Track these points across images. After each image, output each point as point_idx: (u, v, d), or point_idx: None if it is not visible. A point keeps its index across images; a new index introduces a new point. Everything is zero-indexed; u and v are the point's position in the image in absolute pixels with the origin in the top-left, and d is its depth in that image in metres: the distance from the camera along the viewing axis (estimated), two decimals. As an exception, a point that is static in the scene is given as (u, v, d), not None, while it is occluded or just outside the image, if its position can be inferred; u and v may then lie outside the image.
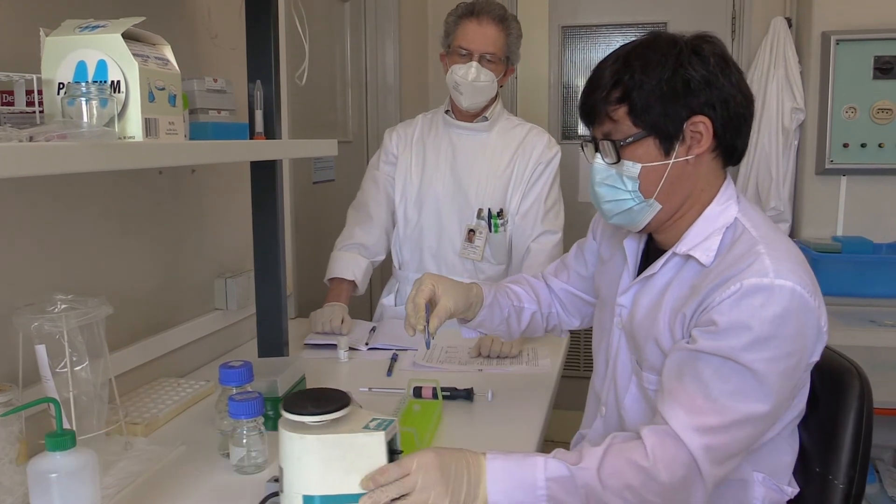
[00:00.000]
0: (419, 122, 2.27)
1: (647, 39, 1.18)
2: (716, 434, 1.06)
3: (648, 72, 1.14)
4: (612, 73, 1.17)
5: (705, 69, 1.14)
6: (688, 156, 1.17)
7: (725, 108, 1.15)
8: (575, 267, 1.55)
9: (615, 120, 1.17)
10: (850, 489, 1.26)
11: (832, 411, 1.30)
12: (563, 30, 3.89)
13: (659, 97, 1.13)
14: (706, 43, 1.17)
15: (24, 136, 0.94)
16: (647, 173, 1.17)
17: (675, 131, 1.15)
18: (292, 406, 1.03)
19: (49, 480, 0.94)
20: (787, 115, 3.38)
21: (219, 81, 1.55)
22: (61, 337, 1.13)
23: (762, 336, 1.06)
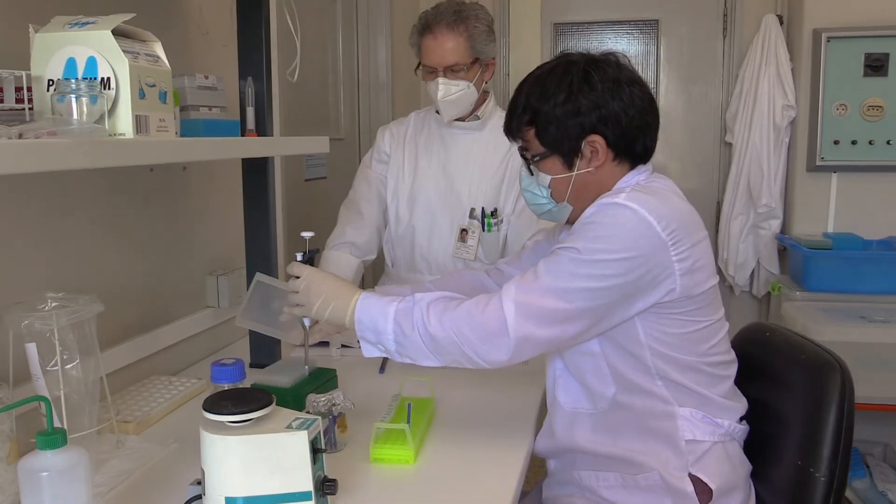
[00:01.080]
0: (412, 120, 2.26)
1: (550, 66, 1.36)
2: (529, 293, 1.23)
3: (546, 98, 1.32)
4: (524, 98, 1.35)
5: (594, 94, 1.30)
6: (588, 167, 1.34)
7: (618, 125, 1.31)
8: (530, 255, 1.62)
9: (527, 139, 1.37)
10: (831, 482, 1.28)
11: (813, 404, 1.32)
12: (556, 27, 3.90)
13: (555, 121, 1.31)
14: (598, 69, 1.32)
15: (14, 134, 0.94)
16: (555, 183, 1.36)
17: (572, 149, 1.33)
18: (213, 406, 1.02)
19: (40, 479, 0.93)
20: (779, 112, 3.39)
21: (210, 78, 1.55)
22: (52, 335, 1.13)
23: (597, 234, 1.23)
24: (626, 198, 1.24)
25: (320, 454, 1.06)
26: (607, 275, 1.22)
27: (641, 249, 1.22)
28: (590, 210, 1.28)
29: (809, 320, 2.73)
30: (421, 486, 1.22)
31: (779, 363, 1.44)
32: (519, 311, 1.22)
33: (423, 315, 1.26)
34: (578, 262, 1.22)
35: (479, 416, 1.52)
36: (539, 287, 1.23)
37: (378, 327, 1.29)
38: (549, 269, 1.24)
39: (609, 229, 1.23)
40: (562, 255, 1.25)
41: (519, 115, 1.36)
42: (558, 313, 1.22)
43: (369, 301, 1.31)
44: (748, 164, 3.48)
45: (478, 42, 2.01)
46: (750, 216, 3.52)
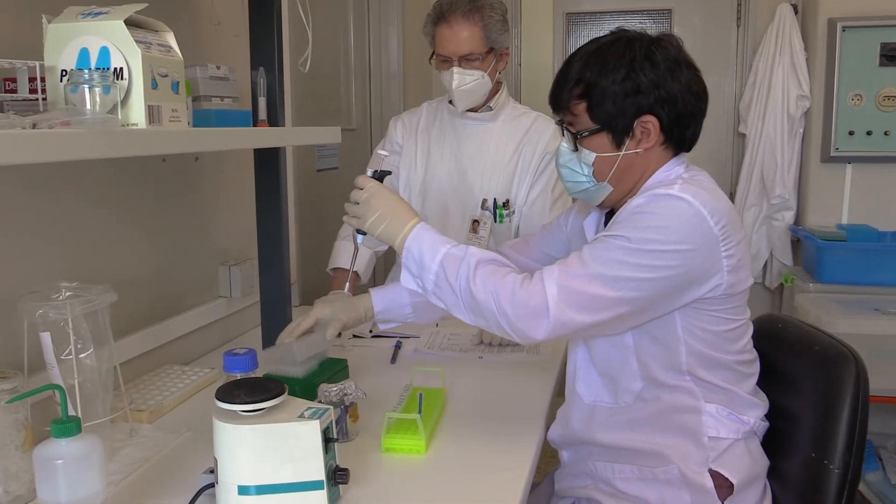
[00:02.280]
0: (424, 110, 2.25)
1: (609, 41, 1.31)
2: (573, 277, 1.20)
3: (604, 73, 1.27)
4: (577, 70, 1.30)
5: (655, 73, 1.26)
6: (637, 149, 1.30)
7: (673, 108, 1.28)
8: (541, 243, 1.62)
9: (575, 113, 1.31)
10: (845, 474, 1.27)
11: (828, 396, 1.32)
12: (568, 16, 3.88)
13: (612, 97, 1.27)
14: (660, 47, 1.29)
15: (28, 124, 0.94)
16: (600, 161, 1.31)
17: (625, 128, 1.29)
18: (225, 396, 1.03)
19: (55, 467, 0.94)
20: (793, 102, 3.37)
21: (222, 69, 1.55)
22: (66, 324, 1.14)
23: (648, 224, 1.20)
24: (680, 189, 1.22)
25: (332, 443, 1.06)
26: (657, 265, 1.19)
27: (694, 243, 1.20)
28: (639, 199, 1.24)
29: (823, 312, 2.71)
30: (432, 476, 1.22)
31: (792, 355, 1.43)
32: (561, 294, 1.19)
33: (470, 271, 1.24)
34: (628, 251, 1.19)
35: (490, 406, 1.52)
36: (585, 273, 1.20)
37: (424, 262, 1.28)
38: (595, 256, 1.21)
39: (662, 220, 1.20)
40: (610, 242, 1.21)
41: (571, 87, 1.30)
42: (602, 300, 1.20)
43: (423, 233, 1.30)
44: (762, 154, 3.45)
45: (493, 31, 2.00)
46: (763, 207, 3.50)
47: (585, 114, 1.29)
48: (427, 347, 1.87)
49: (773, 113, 3.40)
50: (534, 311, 1.20)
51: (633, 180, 1.32)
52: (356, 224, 1.37)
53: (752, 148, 3.50)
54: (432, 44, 2.06)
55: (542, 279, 1.21)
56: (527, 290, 1.21)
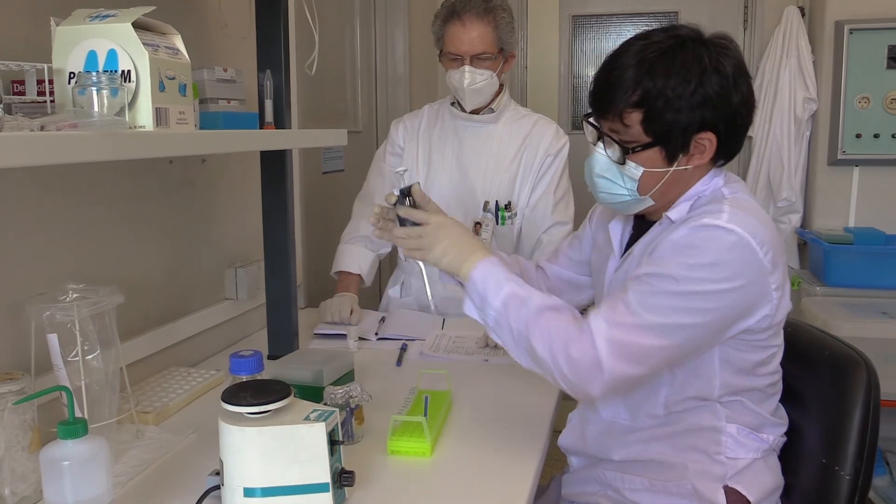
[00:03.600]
0: (425, 112, 2.26)
1: (674, 46, 1.18)
2: (622, 330, 1.14)
3: (671, 84, 1.15)
4: (635, 76, 1.17)
5: (722, 87, 1.16)
6: (688, 165, 1.21)
7: (732, 122, 1.19)
8: (567, 252, 1.59)
9: (627, 124, 1.19)
10: (856, 480, 1.26)
11: (839, 402, 1.30)
12: (574, 19, 3.87)
13: (676, 111, 1.16)
14: (727, 56, 1.18)
15: (36, 126, 0.94)
16: (647, 176, 1.22)
17: (683, 144, 1.19)
18: (232, 398, 1.03)
19: (61, 468, 0.95)
20: (800, 105, 3.36)
21: (229, 71, 1.55)
22: (73, 326, 1.14)
23: (697, 262, 1.13)
24: (729, 219, 1.13)
25: (338, 446, 1.06)
26: (708, 308, 1.13)
27: (745, 277, 1.13)
28: (683, 231, 1.15)
29: (830, 315, 2.70)
30: (438, 479, 1.22)
31: (801, 360, 1.42)
32: (613, 349, 1.13)
33: (530, 320, 1.19)
34: (678, 295, 1.12)
35: (496, 409, 1.52)
36: (635, 323, 1.13)
37: (487, 298, 1.23)
38: (643, 303, 1.14)
39: (711, 255, 1.12)
40: (656, 284, 1.14)
41: (627, 94, 1.17)
42: (654, 350, 1.14)
43: (490, 268, 1.25)
44: (768, 157, 3.44)
45: (504, 33, 2.03)
46: (770, 210, 3.49)
47: (639, 125, 1.18)
48: (432, 350, 1.87)
49: (780, 115, 3.39)
50: (588, 369, 1.15)
51: (676, 194, 1.24)
52: (418, 256, 1.31)
53: (758, 150, 3.49)
54: (440, 42, 2.06)
55: (591, 334, 1.15)
56: (579, 347, 1.15)
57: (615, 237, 1.37)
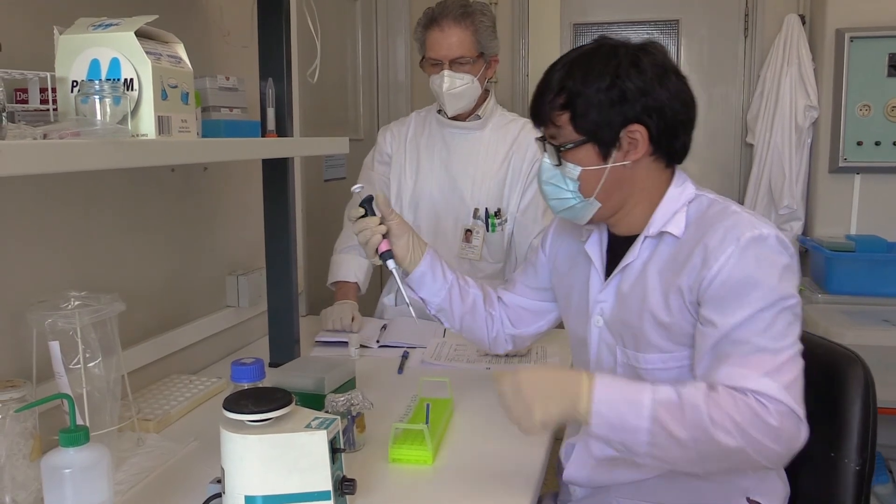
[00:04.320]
0: (412, 120, 2.25)
1: (591, 48, 1.25)
2: (782, 374, 1.09)
3: (588, 81, 1.20)
4: (558, 80, 1.23)
5: (642, 80, 1.20)
6: (625, 161, 1.23)
7: (662, 116, 1.21)
8: (524, 280, 1.56)
9: (558, 125, 1.24)
10: (863, 469, 1.31)
11: (841, 399, 1.34)
12: (575, 27, 3.88)
13: (597, 106, 1.20)
14: (646, 54, 1.22)
15: (38, 134, 0.95)
16: (586, 176, 1.24)
17: (611, 138, 1.22)
18: (233, 405, 1.03)
19: (62, 476, 0.94)
20: (801, 112, 3.36)
21: (231, 79, 1.56)
22: (75, 333, 1.14)
23: (774, 279, 1.13)
24: (760, 223, 1.16)
25: (339, 454, 1.06)
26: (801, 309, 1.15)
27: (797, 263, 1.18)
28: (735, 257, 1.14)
29: (832, 323, 2.70)
30: (439, 487, 1.22)
31: None
32: (791, 393, 1.08)
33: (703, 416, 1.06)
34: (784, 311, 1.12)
35: (497, 416, 1.50)
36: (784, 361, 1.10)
37: (627, 422, 1.07)
38: (773, 337, 1.10)
39: (781, 260, 1.14)
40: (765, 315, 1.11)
41: (552, 97, 1.23)
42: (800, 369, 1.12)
43: (608, 387, 1.10)
44: (769, 165, 3.45)
45: (483, 37, 2.03)
46: (771, 218, 3.49)
47: (569, 125, 1.22)
48: (434, 358, 1.87)
49: (781, 123, 3.40)
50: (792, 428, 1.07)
51: (623, 195, 1.25)
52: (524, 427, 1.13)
53: (759, 158, 3.49)
54: (422, 49, 2.08)
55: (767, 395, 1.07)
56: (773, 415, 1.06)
57: (595, 257, 1.35)
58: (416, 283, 1.46)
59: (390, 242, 1.40)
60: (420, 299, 1.48)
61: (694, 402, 1.07)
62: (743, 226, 1.15)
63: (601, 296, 1.32)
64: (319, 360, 1.59)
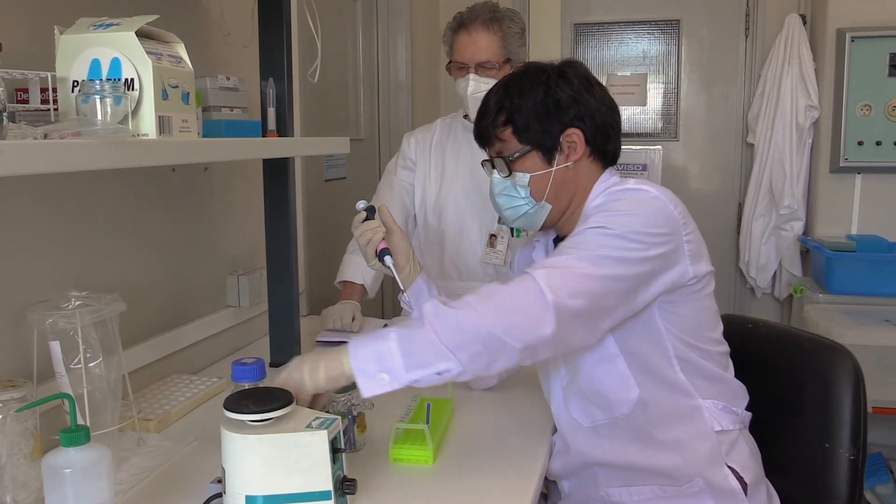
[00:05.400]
0: (437, 126, 2.25)
1: (521, 70, 1.39)
2: (558, 266, 1.19)
3: (524, 96, 1.33)
4: (495, 101, 1.36)
5: (571, 89, 1.33)
6: (567, 163, 1.35)
7: (593, 120, 1.34)
8: None
9: (503, 140, 1.36)
10: (857, 459, 1.35)
11: (832, 390, 1.39)
12: (576, 27, 3.88)
13: (535, 116, 1.32)
14: (570, 67, 1.37)
15: (39, 134, 0.95)
16: (535, 181, 1.35)
17: (552, 143, 1.34)
18: (234, 405, 1.03)
19: (63, 475, 0.94)
20: (802, 112, 3.36)
21: (231, 79, 1.56)
22: (75, 333, 1.14)
23: (620, 210, 1.25)
24: (636, 183, 1.29)
25: (340, 454, 1.06)
26: (634, 247, 1.21)
27: (663, 227, 1.24)
28: (599, 199, 1.30)
29: (832, 323, 2.70)
30: (440, 487, 1.22)
31: (773, 352, 1.50)
32: (551, 278, 1.16)
33: (436, 308, 1.16)
34: (606, 234, 1.21)
35: (497, 416, 1.52)
36: (569, 259, 1.20)
37: (380, 350, 1.15)
38: (575, 244, 1.23)
39: (632, 206, 1.25)
40: (586, 232, 1.24)
41: (493, 117, 1.36)
42: (589, 280, 1.18)
43: (361, 337, 1.19)
44: (770, 165, 3.45)
45: (510, 42, 2.03)
46: (772, 218, 3.49)
47: (513, 137, 1.34)
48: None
49: (782, 123, 3.40)
50: (534, 305, 1.14)
51: (569, 195, 1.36)
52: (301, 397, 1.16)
53: (760, 158, 3.49)
54: (450, 53, 2.08)
55: (530, 276, 1.18)
56: (517, 287, 1.17)
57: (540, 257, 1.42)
58: (415, 296, 1.49)
59: (392, 250, 1.45)
60: None
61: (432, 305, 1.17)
62: (624, 184, 1.30)
63: None
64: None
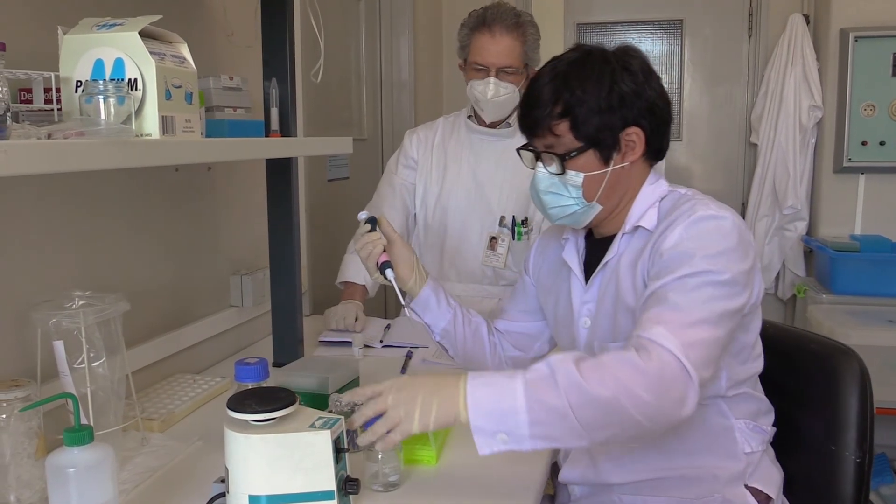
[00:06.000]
0: (440, 125, 2.24)
1: (580, 57, 1.26)
2: (685, 331, 1.08)
3: (587, 89, 1.22)
4: (552, 91, 1.24)
5: (635, 82, 1.24)
6: (623, 162, 1.27)
7: (653, 117, 1.26)
8: (516, 307, 1.56)
9: (557, 135, 1.25)
10: (863, 461, 1.33)
11: (838, 392, 1.37)
12: (579, 27, 3.88)
13: (598, 112, 1.22)
14: (633, 57, 1.27)
15: (43, 134, 0.95)
16: (588, 181, 1.26)
17: (612, 142, 1.25)
18: (237, 405, 1.03)
19: (67, 475, 0.95)
20: (805, 112, 3.35)
21: (234, 79, 1.56)
22: (79, 333, 1.14)
23: (715, 251, 1.15)
24: (717, 208, 1.20)
25: (343, 454, 1.06)
26: (739, 291, 1.15)
27: (750, 257, 1.19)
28: (681, 230, 1.17)
29: (836, 323, 2.69)
30: (443, 487, 1.22)
31: (789, 356, 1.48)
32: (690, 351, 1.06)
33: (575, 376, 1.03)
34: (714, 285, 1.12)
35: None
36: (692, 321, 1.09)
37: (503, 406, 1.04)
38: (687, 300, 1.11)
39: (723, 241, 1.16)
40: (690, 282, 1.12)
41: (548, 108, 1.24)
42: (716, 344, 1.11)
43: (482, 378, 1.08)
44: (774, 165, 3.44)
45: (530, 48, 2.04)
46: (775, 218, 3.49)
47: (569, 133, 1.24)
48: (436, 357, 1.87)
49: (785, 123, 3.39)
50: (676, 380, 1.04)
51: (620, 195, 1.29)
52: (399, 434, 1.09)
53: (763, 158, 3.49)
54: (464, 51, 2.05)
55: (659, 344, 1.06)
56: (654, 362, 1.04)
57: (573, 263, 1.37)
58: (421, 306, 1.46)
59: (393, 261, 1.40)
60: (425, 324, 1.49)
61: (565, 368, 1.05)
62: (699, 207, 1.20)
63: (586, 296, 1.34)
64: (323, 360, 1.59)
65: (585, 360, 1.07)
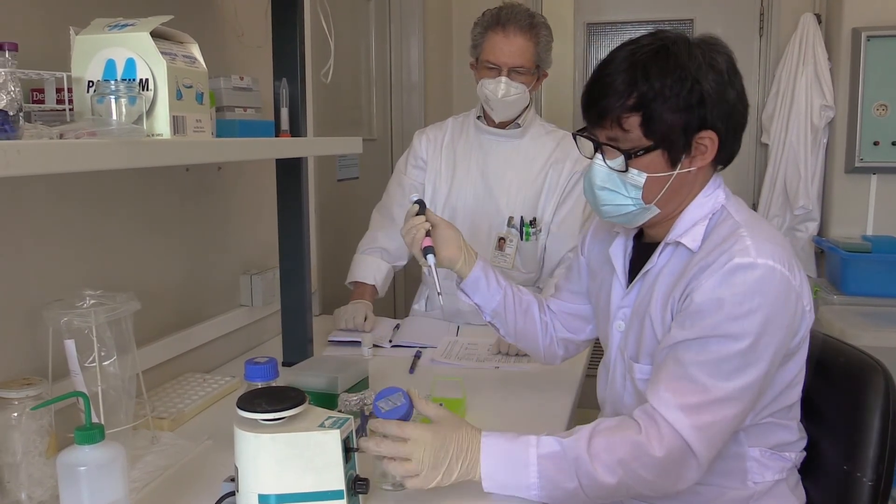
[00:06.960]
0: (449, 125, 2.24)
1: (663, 46, 1.15)
2: (700, 413, 1.08)
3: (667, 84, 1.12)
4: (627, 80, 1.14)
5: (718, 82, 1.14)
6: (691, 167, 1.18)
7: (730, 120, 1.17)
8: (568, 286, 1.54)
9: (625, 129, 1.15)
10: (878, 486, 1.26)
11: (857, 408, 1.29)
12: (588, 27, 3.87)
13: (675, 110, 1.13)
14: (719, 53, 1.17)
15: (55, 134, 0.95)
16: (650, 182, 1.17)
17: (683, 145, 1.16)
18: (247, 404, 1.03)
19: (78, 473, 0.95)
20: (817, 112, 3.33)
21: (245, 79, 1.57)
22: (90, 332, 1.15)
23: (745, 311, 1.08)
24: (757, 253, 1.09)
25: (352, 453, 1.06)
26: (768, 353, 1.10)
27: (788, 309, 1.11)
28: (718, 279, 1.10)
29: (847, 325, 2.68)
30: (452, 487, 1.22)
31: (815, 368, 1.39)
32: (703, 436, 1.08)
33: (588, 465, 1.09)
34: (739, 355, 1.08)
35: (509, 416, 1.51)
36: (711, 400, 1.08)
37: (518, 482, 1.12)
38: (710, 374, 1.08)
39: (756, 297, 1.08)
40: (714, 350, 1.09)
41: (620, 99, 1.13)
42: (735, 420, 1.11)
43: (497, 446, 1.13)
44: (785, 165, 3.42)
45: (543, 50, 2.04)
46: (786, 218, 3.47)
47: (639, 129, 1.14)
48: (444, 357, 1.87)
49: (797, 123, 3.38)
50: (677, 463, 1.08)
51: (680, 200, 1.20)
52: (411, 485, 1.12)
53: (774, 158, 3.47)
54: (476, 49, 2.06)
55: (671, 427, 1.08)
56: (660, 446, 1.08)
57: (618, 262, 1.32)
58: (471, 287, 1.45)
59: (439, 244, 1.41)
60: (475, 305, 1.48)
61: (576, 452, 1.11)
62: (738, 251, 1.10)
63: (624, 301, 1.31)
64: (332, 360, 1.59)
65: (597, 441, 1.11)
